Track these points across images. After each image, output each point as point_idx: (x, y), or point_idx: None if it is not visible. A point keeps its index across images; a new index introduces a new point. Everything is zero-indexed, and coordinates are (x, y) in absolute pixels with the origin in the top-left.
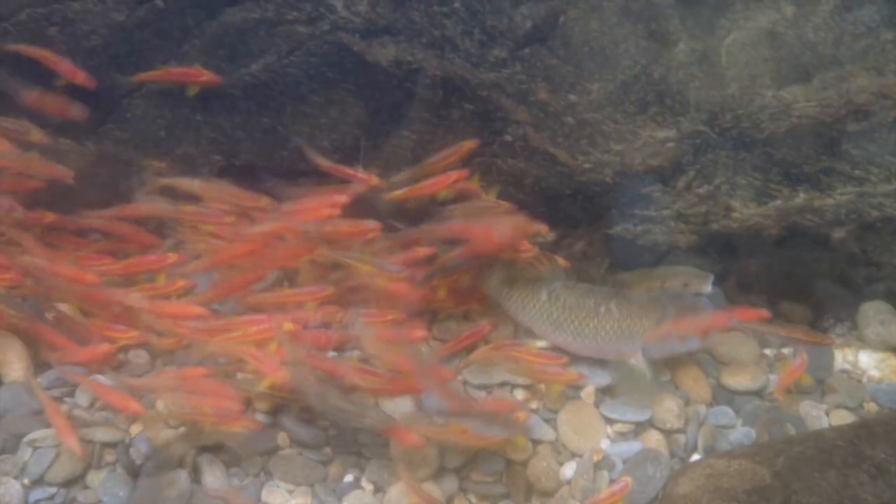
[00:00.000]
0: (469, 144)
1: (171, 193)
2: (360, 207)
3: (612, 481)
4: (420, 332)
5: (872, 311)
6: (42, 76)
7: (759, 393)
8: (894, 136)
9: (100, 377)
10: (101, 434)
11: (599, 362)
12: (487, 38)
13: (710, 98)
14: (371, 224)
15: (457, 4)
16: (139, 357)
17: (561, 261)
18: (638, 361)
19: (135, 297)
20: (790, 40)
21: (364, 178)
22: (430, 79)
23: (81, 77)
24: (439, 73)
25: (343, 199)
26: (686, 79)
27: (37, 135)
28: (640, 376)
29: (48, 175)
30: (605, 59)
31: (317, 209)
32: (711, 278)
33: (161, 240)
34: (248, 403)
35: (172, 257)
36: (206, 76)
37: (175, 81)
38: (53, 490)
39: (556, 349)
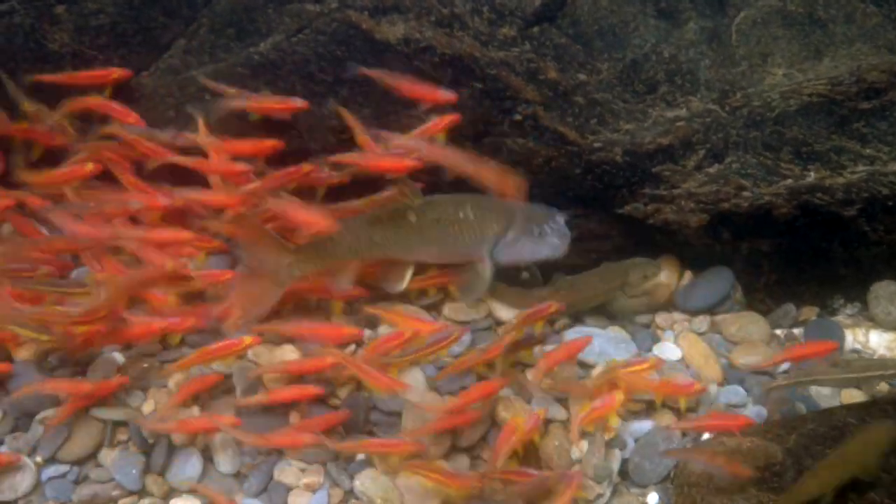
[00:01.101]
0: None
1: None
2: None
3: (624, 460)
4: None
5: (883, 291)
6: None
7: (769, 372)
8: None
9: None
10: (113, 413)
11: None
12: (496, 17)
13: (720, 77)
14: None
15: None
16: None
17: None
18: (484, 266)
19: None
20: (801, 18)
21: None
22: (438, 57)
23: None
24: (448, 51)
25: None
26: (696, 57)
27: None
28: (480, 279)
29: None
30: (614, 37)
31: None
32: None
33: None
34: None
35: None
36: (118, 73)
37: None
38: (66, 468)
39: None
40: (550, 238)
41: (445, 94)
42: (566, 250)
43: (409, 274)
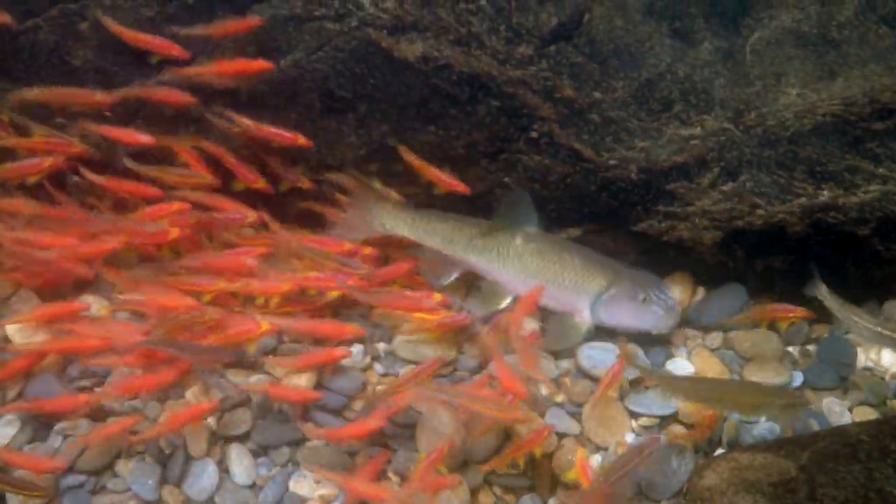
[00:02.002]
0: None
1: None
2: None
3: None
4: None
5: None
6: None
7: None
8: None
9: None
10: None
11: None
12: (513, 36)
13: (734, 96)
14: None
15: (483, 2)
16: None
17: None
18: (583, 319)
19: None
20: (815, 39)
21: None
22: (456, 75)
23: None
24: (466, 69)
25: None
26: (711, 77)
27: None
28: (576, 331)
29: None
30: (629, 57)
31: None
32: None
33: None
34: None
35: None
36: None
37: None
38: (83, 478)
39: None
40: (655, 308)
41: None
42: (673, 327)
43: (507, 300)
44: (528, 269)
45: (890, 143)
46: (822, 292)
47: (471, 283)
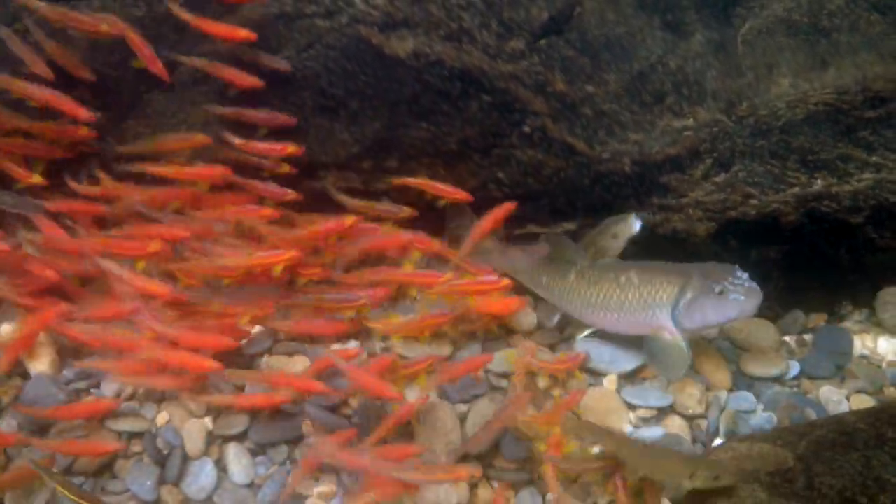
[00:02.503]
0: None
1: None
2: None
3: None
4: None
5: (891, 297)
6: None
7: (779, 379)
8: None
9: None
10: (127, 424)
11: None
12: (505, 30)
13: (726, 87)
14: None
15: None
16: None
17: None
18: (673, 334)
19: None
20: (806, 28)
21: None
22: (448, 71)
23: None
24: (457, 65)
25: None
26: (702, 68)
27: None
28: (673, 350)
29: None
30: (621, 49)
31: None
32: (634, 216)
33: None
34: None
35: None
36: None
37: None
38: (82, 480)
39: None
40: (735, 295)
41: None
42: (757, 307)
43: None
44: (591, 304)
45: (882, 130)
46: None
47: None
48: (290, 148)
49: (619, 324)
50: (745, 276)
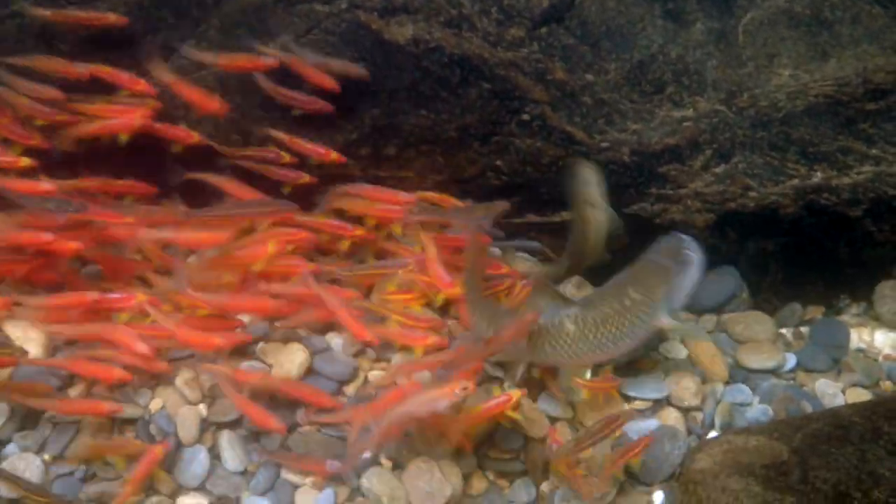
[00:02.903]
0: None
1: None
2: None
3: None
4: None
5: (889, 291)
6: None
7: (775, 371)
8: None
9: None
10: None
11: None
12: (505, 18)
13: (727, 77)
14: None
15: None
16: None
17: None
18: (669, 322)
19: None
20: (807, 20)
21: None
22: (447, 57)
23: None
24: (457, 51)
25: None
26: (703, 58)
27: None
28: (684, 329)
29: None
30: (621, 38)
31: None
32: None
33: None
34: None
35: None
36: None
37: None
38: (74, 466)
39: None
40: (695, 259)
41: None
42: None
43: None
44: (600, 344)
45: (882, 123)
46: None
47: None
48: (334, 154)
49: (626, 348)
50: (688, 237)
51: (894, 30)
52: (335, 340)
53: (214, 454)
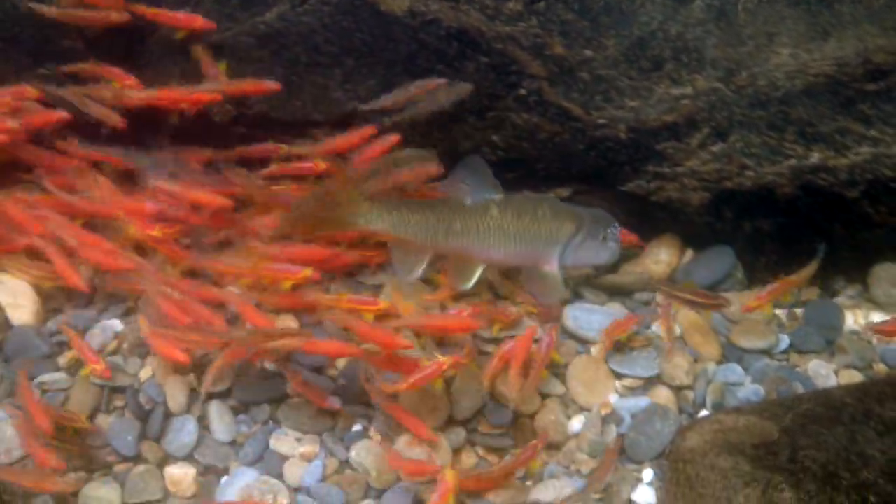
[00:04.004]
0: None
1: None
2: None
3: (620, 435)
4: None
5: (884, 273)
6: None
7: (768, 351)
8: None
9: None
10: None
11: None
12: None
13: (726, 55)
14: None
15: None
16: None
17: None
18: (552, 268)
19: None
20: None
21: None
22: (444, 30)
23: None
24: (454, 24)
25: None
26: (702, 36)
27: None
28: (555, 283)
29: None
30: (621, 14)
31: None
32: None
33: None
34: None
35: None
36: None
37: None
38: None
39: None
40: (611, 243)
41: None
42: (617, 257)
43: (478, 272)
44: (509, 236)
45: (882, 104)
46: None
47: None
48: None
49: (516, 258)
50: (618, 228)
51: (895, 10)
52: None
53: (203, 424)
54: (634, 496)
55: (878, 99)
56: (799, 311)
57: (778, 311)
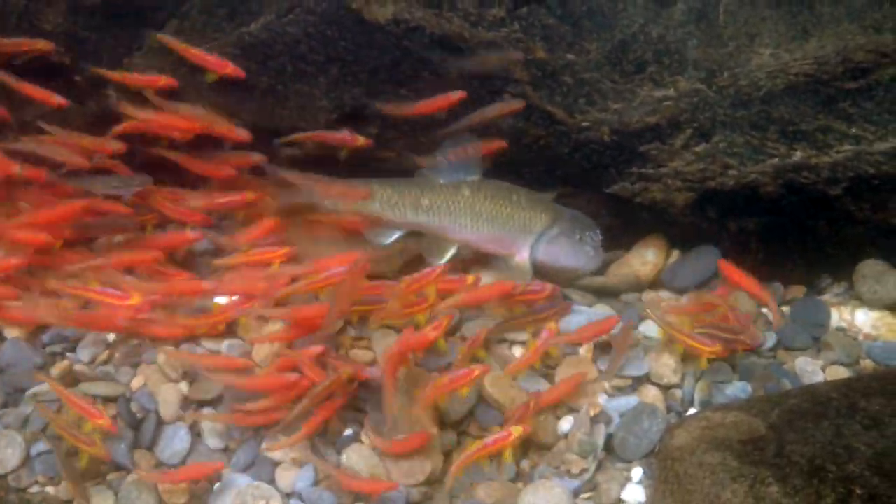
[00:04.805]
0: None
1: None
2: None
3: (609, 435)
4: None
5: (868, 270)
6: None
7: (755, 349)
8: (891, 95)
9: None
10: (102, 388)
11: None
12: None
13: (707, 56)
14: None
15: None
16: None
17: None
18: (523, 258)
19: None
20: None
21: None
22: (428, 37)
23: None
24: (437, 31)
25: None
26: (684, 37)
27: None
28: (521, 273)
29: None
30: (602, 18)
31: None
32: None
33: None
34: None
35: None
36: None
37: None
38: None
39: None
40: (587, 247)
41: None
42: (597, 267)
43: (451, 251)
44: (481, 217)
45: (863, 102)
46: None
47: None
48: (360, 140)
49: (489, 241)
50: (599, 235)
51: (875, 9)
52: None
53: (195, 432)
54: (624, 495)
55: (858, 97)
56: (786, 308)
57: (765, 310)
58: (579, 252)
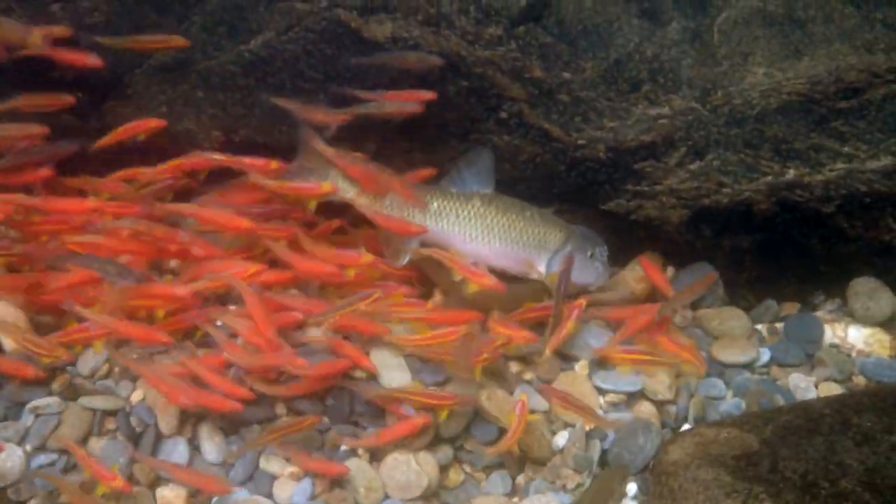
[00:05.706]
0: None
1: None
2: None
3: (604, 450)
4: None
5: (861, 287)
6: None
7: (749, 366)
8: (883, 114)
9: None
10: (101, 402)
11: None
12: (483, 16)
13: (702, 75)
14: None
15: None
16: None
17: None
18: (539, 275)
19: None
20: (781, 18)
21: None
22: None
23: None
24: (435, 49)
25: None
26: (678, 56)
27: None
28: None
29: None
30: (598, 37)
31: None
32: None
33: None
34: None
35: None
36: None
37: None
38: (55, 456)
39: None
40: (597, 263)
41: None
42: (605, 282)
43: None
44: (492, 230)
45: (855, 121)
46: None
47: None
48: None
49: (503, 258)
50: (606, 251)
51: (866, 29)
52: None
53: (194, 445)
54: None
55: (850, 116)
56: (779, 325)
57: (759, 326)
58: (590, 268)
